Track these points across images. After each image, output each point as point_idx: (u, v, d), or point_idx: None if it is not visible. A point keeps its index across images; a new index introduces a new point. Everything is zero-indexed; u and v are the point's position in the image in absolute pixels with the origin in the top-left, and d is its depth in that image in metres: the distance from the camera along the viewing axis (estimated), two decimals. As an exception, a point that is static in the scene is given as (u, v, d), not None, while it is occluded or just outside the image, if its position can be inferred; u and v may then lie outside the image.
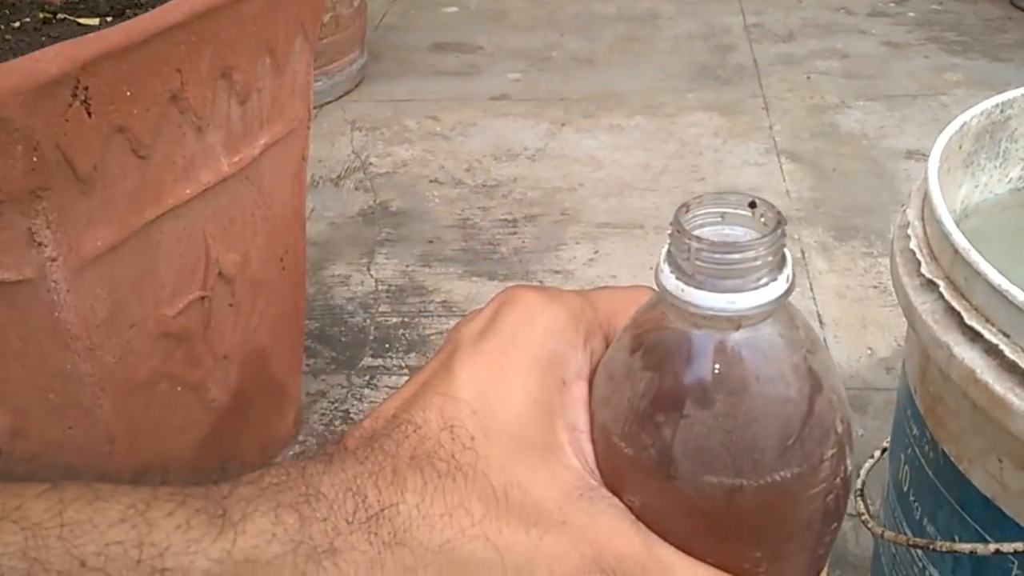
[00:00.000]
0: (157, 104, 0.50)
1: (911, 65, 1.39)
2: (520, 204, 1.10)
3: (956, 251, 0.38)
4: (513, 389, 0.28)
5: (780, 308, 0.29)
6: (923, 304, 0.39)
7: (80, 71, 0.45)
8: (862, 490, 0.52)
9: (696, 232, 0.28)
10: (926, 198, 0.43)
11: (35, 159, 0.44)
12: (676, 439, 0.29)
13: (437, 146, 1.24)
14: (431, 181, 1.16)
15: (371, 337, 0.91)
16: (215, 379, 0.65)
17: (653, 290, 0.31)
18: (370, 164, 1.21)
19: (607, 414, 0.31)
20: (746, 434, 0.29)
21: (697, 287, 0.27)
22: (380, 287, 0.98)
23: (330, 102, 1.36)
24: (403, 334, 0.90)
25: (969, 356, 0.37)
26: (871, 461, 0.55)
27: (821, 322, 0.87)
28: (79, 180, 0.48)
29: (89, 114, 0.47)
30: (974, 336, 0.37)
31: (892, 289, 0.92)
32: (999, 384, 0.35)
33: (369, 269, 1.00)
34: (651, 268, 0.96)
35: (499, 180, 1.15)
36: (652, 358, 0.30)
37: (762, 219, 0.29)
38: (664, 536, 0.30)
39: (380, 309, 0.94)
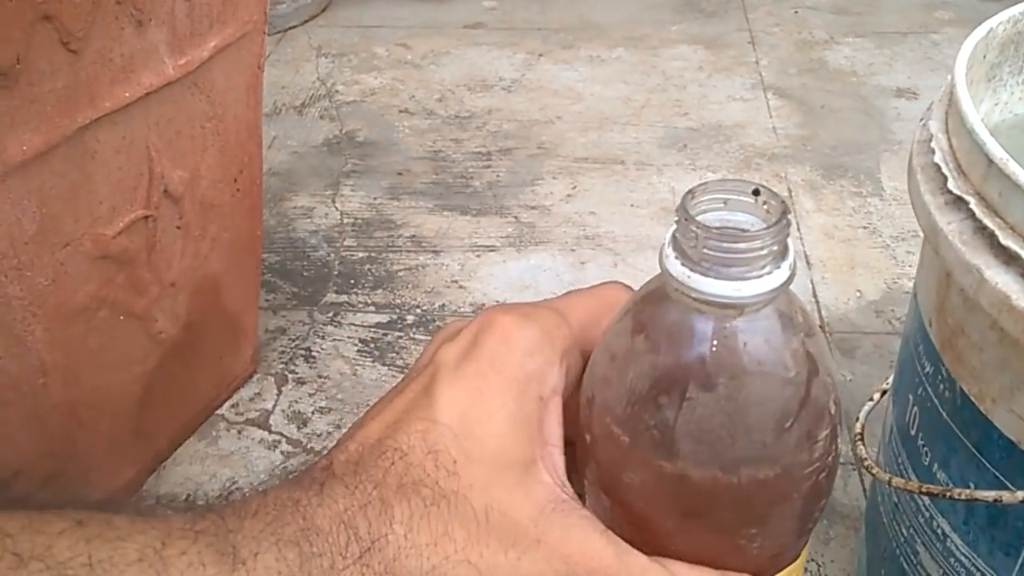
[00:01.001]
0: (89, -9, 0.45)
1: (901, 2, 1.34)
2: (495, 137, 1.05)
3: (991, 163, 0.34)
4: (493, 410, 0.29)
5: (785, 297, 0.30)
6: (949, 224, 0.35)
7: (-4, -55, 0.40)
8: (862, 435, 0.48)
9: (700, 218, 0.29)
10: (951, 107, 0.38)
11: (-57, 45, 0.39)
12: (679, 420, 0.30)
13: (407, 75, 1.18)
14: (401, 111, 1.10)
15: (335, 272, 0.85)
16: (162, 309, 0.60)
17: (625, 287, 0.32)
18: (336, 92, 1.15)
19: (608, 394, 0.31)
20: (747, 416, 0.30)
21: (703, 274, 0.28)
22: (346, 220, 0.92)
23: (295, 27, 1.29)
24: (369, 269, 0.85)
25: (1003, 280, 0.32)
26: (870, 404, 0.51)
27: (808, 263, 0.84)
28: (0, 74, 0.42)
29: (7, -3, 0.41)
30: (1009, 258, 0.33)
31: (881, 230, 0.89)
32: (1039, 311, 0.31)
33: (334, 201, 0.95)
34: (631, 205, 0.91)
35: (472, 111, 1.10)
36: (655, 341, 0.30)
37: (765, 207, 0.29)
38: (663, 513, 0.31)
39: (345, 243, 0.89)
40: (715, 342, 0.29)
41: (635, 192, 0.94)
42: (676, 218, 0.29)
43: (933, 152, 0.38)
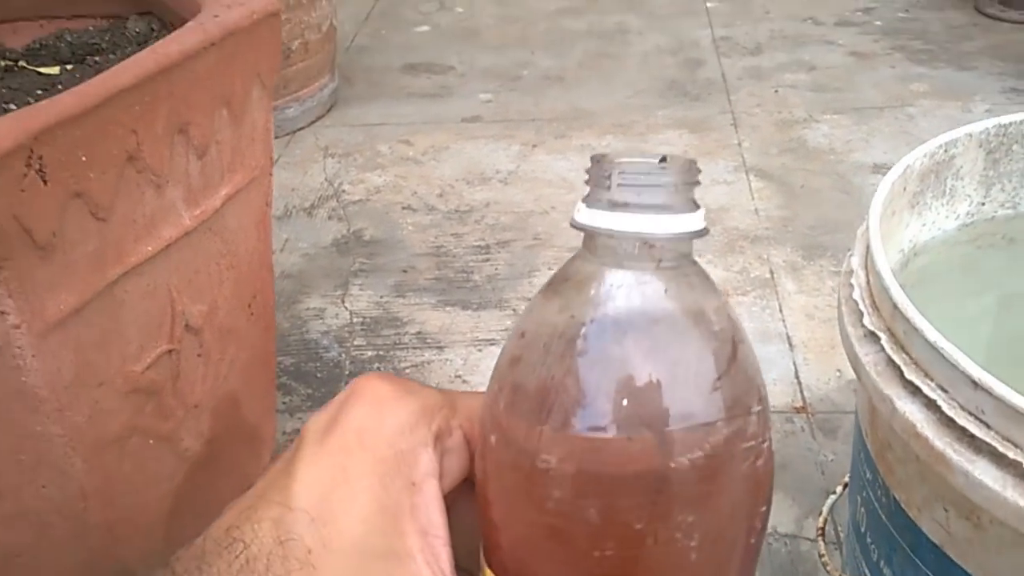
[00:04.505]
0: (114, 166, 0.51)
1: (878, 76, 1.40)
2: (493, 230, 1.11)
3: (895, 305, 0.39)
4: (356, 493, 0.26)
5: (696, 265, 0.28)
6: (866, 355, 0.40)
7: (33, 141, 0.46)
8: (823, 530, 0.53)
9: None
10: (868, 248, 0.44)
11: (-8, 232, 0.45)
12: (601, 381, 0.26)
13: (410, 171, 1.25)
14: (404, 208, 1.17)
15: (347, 372, 0.91)
16: (187, 429, 0.65)
17: None
18: (343, 192, 1.21)
19: (518, 373, 0.28)
20: (674, 369, 0.27)
21: (615, 211, 0.26)
22: (355, 319, 0.98)
23: (302, 128, 1.36)
24: (378, 368, 0.91)
25: (910, 410, 0.37)
26: (833, 497, 0.56)
27: (791, 344, 0.88)
28: (38, 247, 0.48)
29: (45, 182, 0.47)
30: (914, 390, 0.38)
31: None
32: (938, 439, 0.36)
33: (344, 301, 1.01)
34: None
35: (472, 205, 1.16)
36: (570, 300, 0.27)
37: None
38: (587, 496, 0.26)
39: (355, 343, 0.95)
40: (634, 292, 0.27)
41: (627, 279, 0.99)
42: (588, 171, 0.27)
43: (853, 287, 0.43)
